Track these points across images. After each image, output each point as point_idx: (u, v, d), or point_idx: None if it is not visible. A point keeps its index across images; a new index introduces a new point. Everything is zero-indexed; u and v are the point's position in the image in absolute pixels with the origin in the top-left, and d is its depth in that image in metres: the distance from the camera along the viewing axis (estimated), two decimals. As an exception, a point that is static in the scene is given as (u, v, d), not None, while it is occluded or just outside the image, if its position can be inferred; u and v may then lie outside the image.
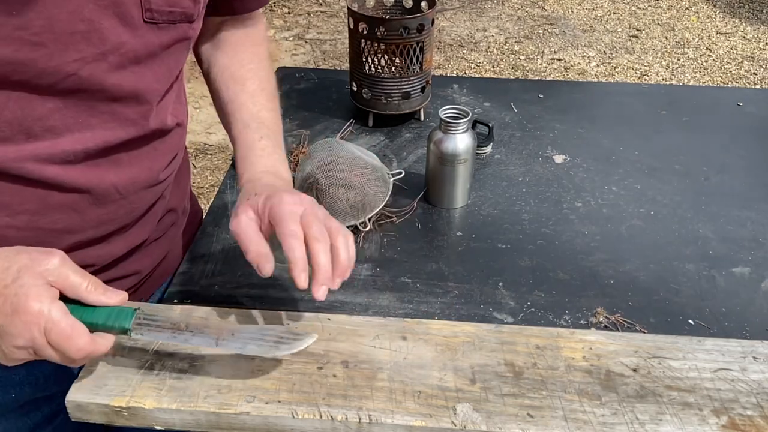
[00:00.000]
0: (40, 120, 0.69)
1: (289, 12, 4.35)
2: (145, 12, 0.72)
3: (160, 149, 0.83)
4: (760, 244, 1.02)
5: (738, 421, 0.71)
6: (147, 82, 0.76)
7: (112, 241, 0.83)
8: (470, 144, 1.05)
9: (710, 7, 4.45)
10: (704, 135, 1.29)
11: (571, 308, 0.90)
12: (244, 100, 0.92)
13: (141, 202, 0.84)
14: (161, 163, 0.84)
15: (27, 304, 0.62)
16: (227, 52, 0.96)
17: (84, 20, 0.67)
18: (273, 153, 0.89)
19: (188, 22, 0.78)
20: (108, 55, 0.70)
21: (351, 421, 0.71)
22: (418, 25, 1.19)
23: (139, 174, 0.81)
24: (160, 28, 0.74)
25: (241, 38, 0.97)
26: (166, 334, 0.71)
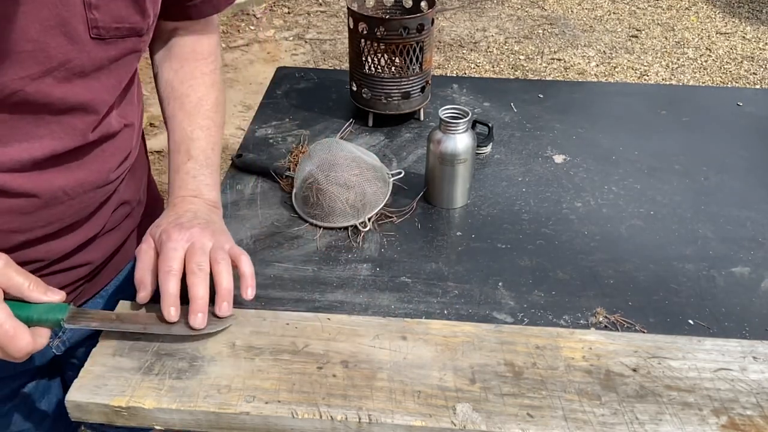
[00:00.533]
0: None
1: (289, 12, 4.35)
2: (92, 29, 0.73)
3: (109, 151, 0.84)
4: (760, 244, 1.02)
5: (738, 421, 0.71)
6: (95, 93, 0.77)
7: (61, 237, 0.84)
8: (470, 144, 1.05)
9: (710, 7, 4.45)
10: (704, 135, 1.29)
11: (571, 308, 0.90)
12: (180, 119, 0.94)
13: (91, 201, 0.85)
14: (111, 164, 0.85)
15: None
16: (173, 65, 0.97)
17: (30, 40, 0.68)
18: (198, 175, 0.90)
19: (137, 36, 0.79)
20: (53, 71, 0.71)
21: (351, 421, 0.71)
22: (418, 25, 1.19)
23: (87, 177, 0.82)
24: (108, 43, 0.76)
25: (187, 51, 0.97)
26: (96, 323, 0.78)
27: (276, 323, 0.83)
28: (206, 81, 0.97)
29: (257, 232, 1.04)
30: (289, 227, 1.05)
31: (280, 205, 1.10)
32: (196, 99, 0.95)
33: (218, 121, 0.97)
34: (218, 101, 0.98)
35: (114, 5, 0.74)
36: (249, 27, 4.14)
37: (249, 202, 1.11)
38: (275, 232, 1.04)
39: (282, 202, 1.10)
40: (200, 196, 0.89)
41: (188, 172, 0.90)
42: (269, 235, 1.03)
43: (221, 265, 0.79)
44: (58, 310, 0.73)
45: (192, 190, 0.89)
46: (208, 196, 0.90)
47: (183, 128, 0.93)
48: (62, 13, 0.70)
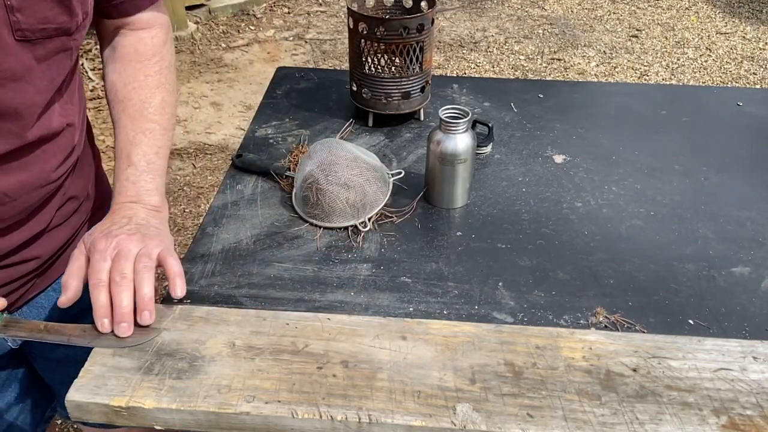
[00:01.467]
0: None
1: (289, 12, 4.35)
2: (16, 32, 0.72)
3: (50, 151, 0.84)
4: (760, 244, 1.02)
5: (738, 421, 0.71)
6: (27, 96, 0.76)
7: (6, 235, 0.84)
8: (470, 144, 1.05)
9: (710, 7, 4.45)
10: (704, 135, 1.29)
11: (571, 308, 0.90)
12: (124, 123, 0.93)
13: (33, 200, 0.84)
14: (52, 164, 0.85)
15: None
16: (116, 67, 0.96)
17: None
18: (138, 181, 0.90)
19: (66, 35, 0.78)
20: None
21: (351, 421, 0.71)
22: (418, 25, 1.19)
23: (28, 178, 0.81)
24: (34, 44, 0.75)
25: (130, 52, 0.96)
26: (24, 333, 0.80)
27: (276, 323, 0.83)
28: (150, 83, 0.95)
29: (257, 232, 1.04)
30: (289, 227, 1.05)
31: (280, 205, 1.10)
32: (139, 102, 0.94)
33: (164, 124, 0.95)
34: (164, 102, 0.96)
35: (38, 6, 0.73)
36: (249, 27, 4.14)
37: (249, 202, 1.11)
38: (275, 232, 1.04)
39: (282, 202, 1.10)
40: (140, 201, 0.88)
41: (128, 178, 0.89)
42: (269, 235, 1.03)
43: (141, 274, 0.78)
44: None
45: (131, 196, 0.89)
46: (148, 201, 0.89)
47: (126, 133, 0.92)
48: None
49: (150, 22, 0.97)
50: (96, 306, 0.78)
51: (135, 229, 0.83)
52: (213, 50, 3.82)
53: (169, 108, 0.96)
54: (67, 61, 0.82)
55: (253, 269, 0.96)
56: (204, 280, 0.94)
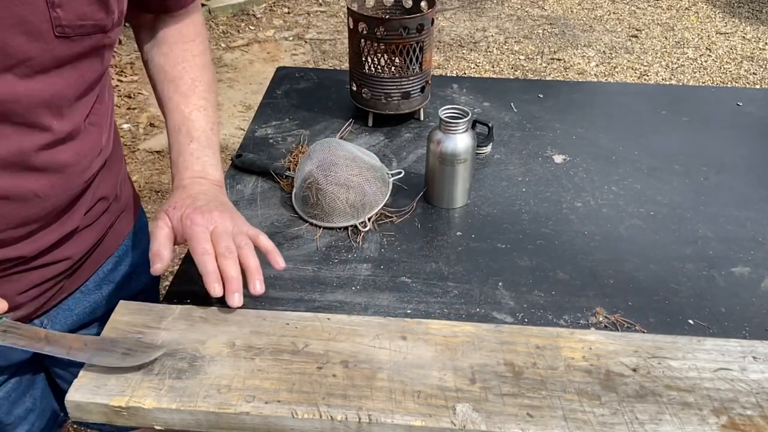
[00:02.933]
0: None
1: (288, 12, 4.35)
2: (56, 27, 0.73)
3: (80, 151, 0.84)
4: (760, 244, 1.02)
5: (738, 421, 0.71)
6: (57, 89, 0.77)
7: (37, 236, 0.84)
8: (470, 144, 1.05)
9: (710, 7, 4.45)
10: (704, 135, 1.29)
11: (571, 308, 0.90)
12: (177, 101, 0.95)
13: (63, 200, 0.85)
14: (82, 164, 0.85)
15: None
16: (162, 50, 0.98)
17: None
18: (202, 156, 0.93)
19: (102, 33, 0.79)
20: (13, 68, 0.71)
21: (351, 421, 0.71)
22: (418, 25, 1.19)
23: (58, 178, 0.82)
24: (72, 40, 0.75)
25: (175, 35, 0.98)
26: (23, 342, 0.77)
27: (276, 323, 0.83)
28: (197, 62, 0.98)
29: (257, 232, 1.04)
30: (289, 227, 1.05)
31: (280, 205, 1.10)
32: (189, 80, 0.97)
33: (213, 101, 0.99)
34: (211, 81, 1.00)
35: (77, 3, 0.74)
36: (249, 27, 4.14)
37: (249, 202, 1.11)
38: (275, 232, 1.04)
39: (282, 202, 1.10)
40: (207, 176, 0.92)
41: (192, 153, 0.93)
42: (269, 235, 1.02)
43: (244, 249, 0.83)
44: None
45: (198, 171, 0.92)
46: (214, 176, 0.93)
47: (181, 110, 0.95)
48: (21, 12, 0.70)
49: (192, 10, 1.00)
50: (206, 273, 0.80)
51: (222, 207, 0.87)
52: (213, 50, 3.82)
53: (214, 87, 1.00)
54: (99, 59, 0.82)
55: (253, 269, 0.96)
56: (204, 280, 0.94)
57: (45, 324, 0.94)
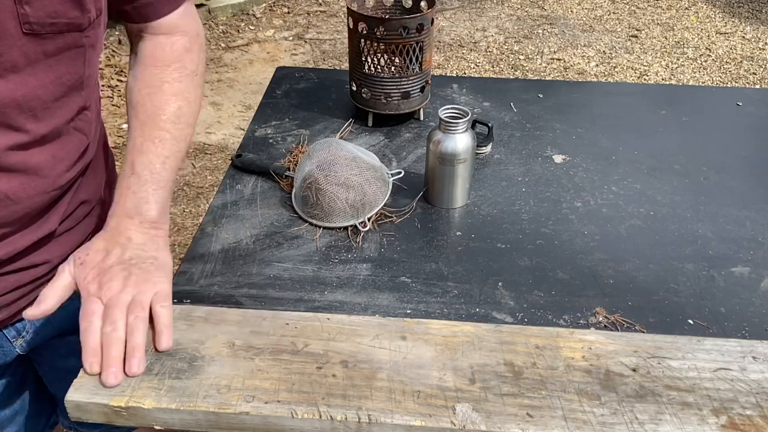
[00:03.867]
0: None
1: (288, 12, 4.35)
2: (24, 24, 0.71)
3: (57, 154, 0.82)
4: (760, 244, 1.02)
5: (737, 421, 0.71)
6: (29, 89, 0.75)
7: (10, 239, 0.82)
8: (470, 144, 1.05)
9: (710, 7, 4.45)
10: (704, 135, 1.29)
11: (571, 308, 0.90)
12: (134, 127, 0.90)
13: (38, 204, 0.83)
14: (59, 168, 0.83)
15: None
16: (135, 71, 0.93)
17: None
18: (139, 191, 0.86)
19: (78, 31, 0.77)
20: None
21: (350, 421, 0.71)
22: (418, 25, 1.19)
23: (32, 180, 0.80)
24: (44, 38, 0.74)
25: (149, 57, 0.93)
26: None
27: (276, 323, 0.83)
28: (166, 89, 0.92)
29: (257, 232, 1.04)
30: (289, 227, 1.05)
31: (280, 205, 1.10)
32: (152, 108, 0.90)
33: (176, 134, 0.91)
34: (180, 112, 0.91)
35: (47, 0, 0.72)
36: (249, 27, 4.14)
37: (249, 202, 1.11)
38: (275, 232, 1.04)
39: (282, 202, 1.10)
40: (137, 216, 0.86)
41: (129, 187, 0.86)
42: (269, 235, 1.03)
43: (132, 325, 0.77)
44: None
45: (129, 209, 0.86)
46: (147, 215, 0.86)
47: (134, 138, 0.89)
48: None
49: (172, 28, 0.94)
50: (86, 348, 0.75)
51: (128, 268, 0.80)
52: (213, 50, 3.82)
53: (185, 118, 0.92)
54: (79, 58, 0.80)
55: (252, 269, 0.96)
56: (204, 280, 0.94)
57: (23, 331, 0.93)
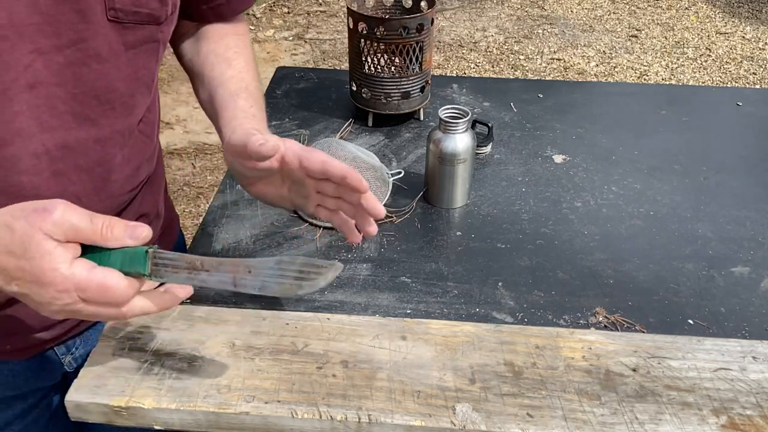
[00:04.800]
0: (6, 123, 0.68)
1: (288, 12, 4.35)
2: (109, 10, 0.70)
3: (128, 157, 0.82)
4: (760, 244, 1.02)
5: (737, 421, 0.71)
6: (110, 80, 0.74)
7: None
8: (470, 144, 1.05)
9: (710, 7, 4.45)
10: (704, 135, 1.29)
11: (571, 308, 0.90)
12: (230, 75, 0.88)
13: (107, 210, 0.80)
14: (128, 171, 0.83)
15: (45, 275, 0.58)
16: (212, 38, 0.93)
17: (40, 12, 0.66)
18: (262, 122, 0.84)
19: (156, 24, 0.77)
20: (64, 49, 0.69)
21: (350, 421, 0.71)
22: (418, 25, 1.19)
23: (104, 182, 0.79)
24: (125, 27, 0.73)
25: (225, 29, 0.95)
26: (183, 275, 0.65)
27: (276, 323, 0.83)
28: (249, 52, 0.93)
29: (257, 232, 1.04)
30: (289, 227, 1.05)
31: (279, 205, 1.10)
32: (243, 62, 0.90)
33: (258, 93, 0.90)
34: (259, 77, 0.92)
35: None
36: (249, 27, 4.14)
37: (249, 202, 1.11)
38: (275, 232, 1.04)
39: (282, 202, 1.10)
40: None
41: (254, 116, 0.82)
42: (269, 235, 1.03)
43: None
44: (137, 261, 0.62)
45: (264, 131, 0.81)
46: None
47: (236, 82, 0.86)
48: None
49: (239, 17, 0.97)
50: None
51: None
52: (213, 50, 3.81)
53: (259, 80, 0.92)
54: (153, 54, 0.79)
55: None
56: (204, 280, 0.94)
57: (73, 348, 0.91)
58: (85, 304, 0.60)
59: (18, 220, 0.59)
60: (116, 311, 0.61)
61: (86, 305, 0.60)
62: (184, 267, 0.64)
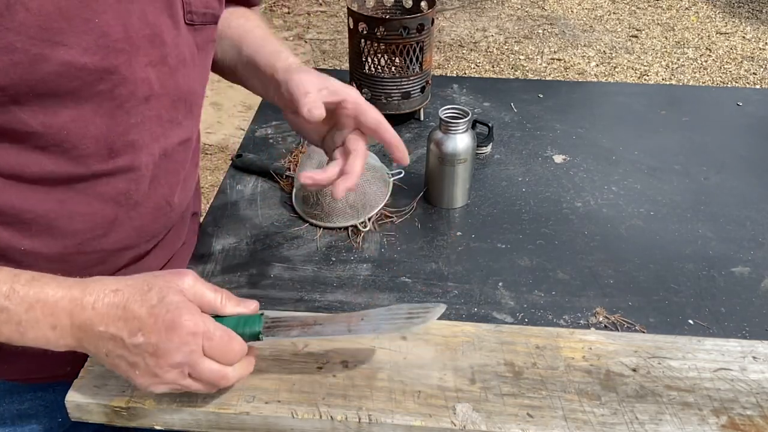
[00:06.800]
0: (122, 135, 0.68)
1: (288, 12, 4.35)
2: (186, 14, 0.72)
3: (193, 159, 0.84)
4: (760, 244, 1.02)
5: (738, 421, 0.71)
6: (191, 83, 0.75)
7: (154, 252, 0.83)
8: (470, 144, 1.05)
9: (710, 7, 4.45)
10: (704, 135, 1.29)
11: (571, 308, 0.90)
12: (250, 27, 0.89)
13: (180, 210, 0.84)
14: (194, 171, 0.85)
15: (181, 320, 0.62)
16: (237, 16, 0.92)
17: (149, 24, 0.66)
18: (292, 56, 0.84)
19: (214, 24, 0.78)
20: (167, 57, 0.70)
21: (351, 421, 0.71)
22: (418, 25, 1.19)
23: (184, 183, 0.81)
24: (196, 29, 0.74)
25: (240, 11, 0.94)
26: (296, 331, 0.70)
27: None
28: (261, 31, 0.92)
29: (257, 232, 1.04)
30: (289, 227, 1.05)
31: (280, 205, 1.10)
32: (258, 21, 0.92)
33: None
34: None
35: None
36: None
37: (249, 202, 1.11)
38: (275, 232, 1.04)
39: (282, 202, 1.11)
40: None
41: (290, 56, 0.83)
42: (269, 235, 1.03)
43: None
44: (253, 322, 0.68)
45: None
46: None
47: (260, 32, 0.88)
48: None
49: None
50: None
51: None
52: (213, 50, 3.82)
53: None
54: (212, 53, 0.80)
55: (253, 269, 0.96)
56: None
57: None
58: (203, 355, 0.63)
59: (156, 279, 0.64)
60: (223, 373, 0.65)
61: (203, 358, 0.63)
62: (297, 325, 0.70)
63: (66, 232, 0.70)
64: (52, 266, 0.66)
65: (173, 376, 0.63)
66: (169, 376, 0.63)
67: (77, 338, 0.62)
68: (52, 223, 0.69)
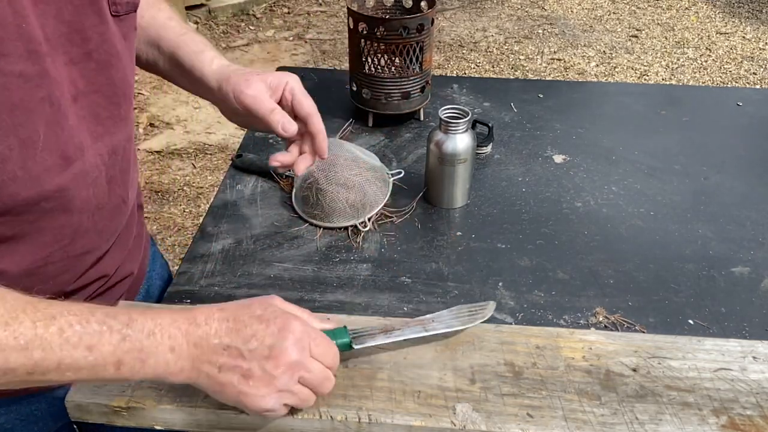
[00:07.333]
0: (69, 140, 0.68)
1: (288, 12, 4.35)
2: (111, 5, 0.71)
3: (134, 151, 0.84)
4: (760, 244, 1.02)
5: (738, 421, 0.71)
6: (125, 75, 0.75)
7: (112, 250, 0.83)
8: (470, 144, 1.05)
9: (710, 7, 4.45)
10: (704, 135, 1.29)
11: (571, 308, 0.90)
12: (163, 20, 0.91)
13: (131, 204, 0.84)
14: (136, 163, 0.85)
15: (292, 322, 0.67)
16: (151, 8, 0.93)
17: (65, 21, 0.66)
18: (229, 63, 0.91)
19: (135, 11, 0.77)
20: (92, 54, 0.69)
21: (351, 421, 0.71)
22: (418, 25, 1.19)
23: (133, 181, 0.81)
24: (121, 20, 0.73)
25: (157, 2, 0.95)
26: (380, 338, 0.77)
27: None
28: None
29: (257, 232, 1.04)
30: (289, 227, 1.05)
31: (280, 205, 1.10)
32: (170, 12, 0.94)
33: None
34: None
35: None
36: (249, 27, 4.14)
37: (249, 202, 1.11)
38: (275, 232, 1.04)
39: (282, 202, 1.10)
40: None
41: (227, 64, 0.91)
42: (269, 235, 1.03)
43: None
44: (341, 334, 0.74)
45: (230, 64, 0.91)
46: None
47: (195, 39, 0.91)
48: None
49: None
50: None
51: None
52: (213, 50, 3.81)
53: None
54: (133, 44, 0.79)
55: (253, 269, 0.96)
56: (204, 280, 0.94)
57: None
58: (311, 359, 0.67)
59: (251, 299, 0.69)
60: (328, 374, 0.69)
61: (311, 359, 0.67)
62: (379, 332, 0.77)
63: (35, 248, 0.70)
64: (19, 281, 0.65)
65: (286, 379, 0.65)
66: (283, 379, 0.65)
67: (192, 358, 0.63)
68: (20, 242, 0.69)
